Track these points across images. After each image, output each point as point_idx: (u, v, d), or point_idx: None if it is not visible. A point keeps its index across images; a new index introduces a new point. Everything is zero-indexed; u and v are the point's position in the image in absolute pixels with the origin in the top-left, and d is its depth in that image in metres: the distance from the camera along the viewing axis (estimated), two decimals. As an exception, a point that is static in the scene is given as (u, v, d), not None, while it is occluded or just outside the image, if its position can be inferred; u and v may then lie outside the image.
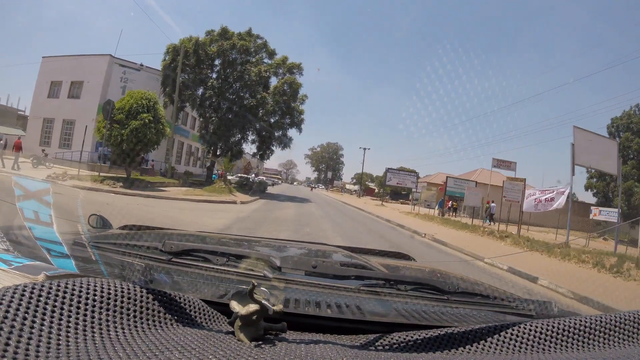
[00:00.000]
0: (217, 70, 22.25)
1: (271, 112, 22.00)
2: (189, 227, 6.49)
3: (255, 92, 21.66)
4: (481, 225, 15.52)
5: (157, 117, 14.02)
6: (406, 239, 10.95)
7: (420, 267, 1.51)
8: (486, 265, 7.52)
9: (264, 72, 21.65)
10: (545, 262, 8.49)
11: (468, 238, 12.06)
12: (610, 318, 0.67)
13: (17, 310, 0.43)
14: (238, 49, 21.57)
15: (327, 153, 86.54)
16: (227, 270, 0.89)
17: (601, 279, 7.11)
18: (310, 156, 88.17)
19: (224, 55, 21.55)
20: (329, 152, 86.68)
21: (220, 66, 22.18)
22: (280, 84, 22.01)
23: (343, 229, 10.89)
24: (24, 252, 0.77)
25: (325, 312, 0.73)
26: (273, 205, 15.95)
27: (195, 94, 21.75)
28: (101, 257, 0.87)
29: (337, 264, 1.10)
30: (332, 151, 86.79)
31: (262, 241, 1.67)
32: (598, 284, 6.62)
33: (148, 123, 13.46)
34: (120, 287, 0.55)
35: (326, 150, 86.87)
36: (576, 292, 5.45)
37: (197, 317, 0.62)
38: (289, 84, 22.07)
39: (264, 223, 9.35)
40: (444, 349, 0.62)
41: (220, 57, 21.71)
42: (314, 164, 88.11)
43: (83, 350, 0.43)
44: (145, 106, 13.71)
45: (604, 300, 5.01)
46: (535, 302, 0.91)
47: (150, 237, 1.29)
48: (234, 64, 21.77)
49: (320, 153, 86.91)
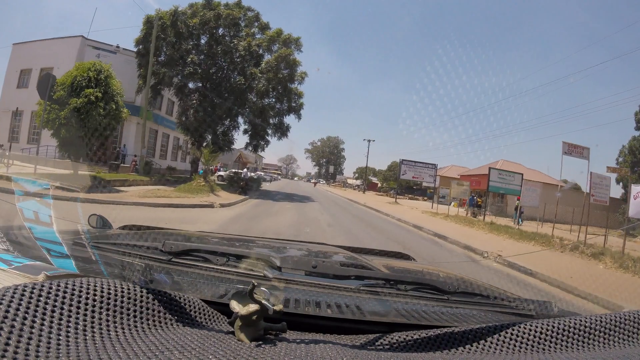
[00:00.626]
0: (200, 45, 18.67)
1: (264, 92, 18.09)
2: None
3: (244, 70, 18.02)
4: (553, 236, 10.89)
5: (110, 94, 10.73)
6: (477, 268, 6.76)
7: (421, 267, 1.51)
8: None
9: (254, 47, 18.02)
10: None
11: (560, 262, 7.76)
12: (611, 318, 0.67)
13: (17, 310, 0.43)
14: (224, 21, 18.03)
15: (327, 147, 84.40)
16: (227, 270, 0.89)
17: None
18: (311, 150, 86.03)
19: (207, 28, 18.16)
20: (329, 146, 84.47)
21: (203, 40, 18.73)
22: (274, 59, 17.96)
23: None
24: (24, 252, 0.77)
25: (325, 312, 0.73)
26: (264, 209, 12.24)
27: (173, 73, 17.87)
28: (101, 257, 0.87)
29: (337, 264, 1.10)
30: (333, 145, 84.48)
31: (262, 241, 1.68)
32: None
33: (95, 101, 10.12)
34: (120, 287, 0.55)
35: (327, 145, 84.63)
36: None
37: (197, 317, 0.62)
38: (284, 59, 18.01)
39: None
40: (444, 348, 0.62)
41: (203, 30, 18.27)
42: (314, 158, 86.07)
43: (83, 350, 0.44)
44: (92, 79, 10.33)
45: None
46: (535, 302, 0.91)
47: (150, 237, 1.29)
48: (220, 39, 18.26)
49: (320, 147, 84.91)
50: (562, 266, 7.17)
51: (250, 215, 10.33)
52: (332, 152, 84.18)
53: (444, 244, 9.41)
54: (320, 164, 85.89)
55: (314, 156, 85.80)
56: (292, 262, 0.93)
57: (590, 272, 7.20)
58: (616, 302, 4.99)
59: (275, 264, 0.86)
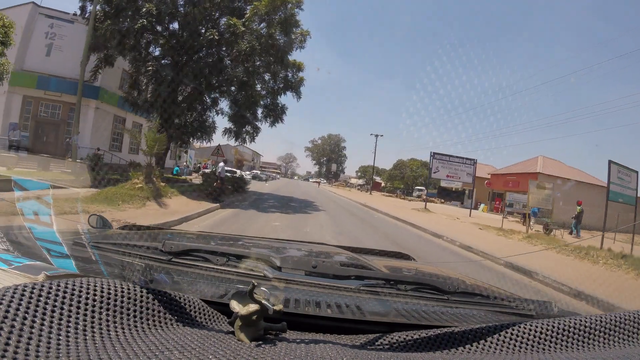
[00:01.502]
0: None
1: (248, 54, 12.23)
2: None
3: (217, 23, 13.05)
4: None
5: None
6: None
7: (421, 267, 1.51)
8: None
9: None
10: None
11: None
12: (611, 318, 0.67)
13: (17, 310, 0.43)
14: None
15: (328, 145, 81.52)
16: (227, 270, 0.89)
17: None
18: (311, 149, 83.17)
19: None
20: (330, 144, 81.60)
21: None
22: (264, 4, 12.16)
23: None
24: (24, 252, 0.77)
25: (325, 312, 0.73)
26: (233, 231, 6.80)
27: (120, 28, 12.00)
28: (101, 257, 0.87)
29: (337, 264, 1.10)
30: (334, 143, 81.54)
31: (262, 241, 1.68)
32: None
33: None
34: (120, 287, 0.55)
35: (327, 142, 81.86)
36: None
37: (197, 317, 0.62)
38: (278, 9, 12.39)
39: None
40: (444, 348, 0.62)
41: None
42: (314, 157, 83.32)
43: (83, 350, 0.44)
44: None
45: None
46: (535, 302, 0.91)
47: (150, 237, 1.29)
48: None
49: (321, 145, 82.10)
50: None
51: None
52: (334, 150, 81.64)
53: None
54: (321, 162, 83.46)
55: (315, 155, 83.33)
56: (292, 262, 0.93)
57: None
58: None
59: (275, 264, 0.86)
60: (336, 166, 79.87)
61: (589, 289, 5.27)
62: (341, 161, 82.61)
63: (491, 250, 7.97)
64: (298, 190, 26.32)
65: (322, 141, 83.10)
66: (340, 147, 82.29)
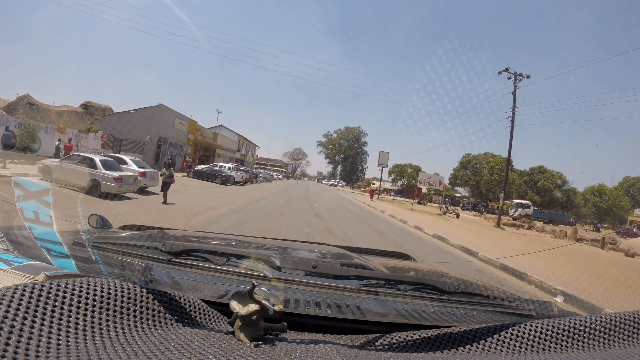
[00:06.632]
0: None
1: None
2: None
3: None
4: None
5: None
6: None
7: (421, 268, 1.51)
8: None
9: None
10: None
11: None
12: (610, 318, 0.67)
13: (17, 310, 0.43)
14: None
15: (346, 140, 65.35)
16: (227, 270, 0.89)
17: None
18: (325, 143, 66.43)
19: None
20: (348, 139, 65.20)
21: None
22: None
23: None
24: (24, 252, 0.77)
25: (325, 312, 0.73)
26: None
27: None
28: (101, 257, 0.87)
29: (337, 264, 1.10)
30: (353, 138, 64.80)
31: (262, 241, 1.67)
32: None
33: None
34: (120, 287, 0.55)
35: (344, 137, 65.39)
36: None
37: (197, 317, 0.62)
38: None
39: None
40: (444, 349, 0.62)
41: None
42: (328, 154, 66.69)
43: (83, 350, 0.44)
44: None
45: None
46: (535, 302, 0.92)
47: (150, 237, 1.29)
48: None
49: (337, 140, 65.74)
50: None
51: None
52: (352, 146, 65.02)
53: None
54: (336, 161, 66.86)
55: (329, 151, 66.59)
56: (292, 262, 0.93)
57: None
58: None
59: (275, 264, 0.86)
60: (359, 166, 64.49)
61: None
62: (361, 160, 66.20)
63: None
64: (309, 203, 14.75)
65: (339, 135, 66.60)
66: (361, 142, 65.71)
